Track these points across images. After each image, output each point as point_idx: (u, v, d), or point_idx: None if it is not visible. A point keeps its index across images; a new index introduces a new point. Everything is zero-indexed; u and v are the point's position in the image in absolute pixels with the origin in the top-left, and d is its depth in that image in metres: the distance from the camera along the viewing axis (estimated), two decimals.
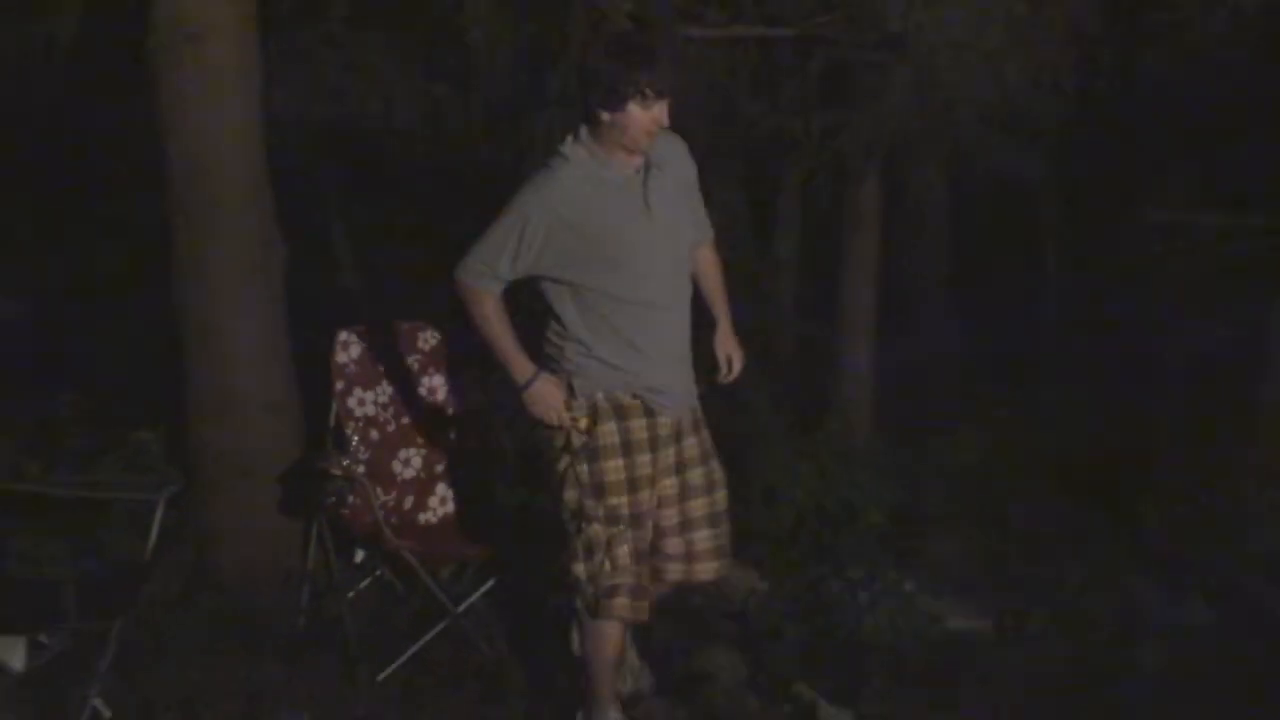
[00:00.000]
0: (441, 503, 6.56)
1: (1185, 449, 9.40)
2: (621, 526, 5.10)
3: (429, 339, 6.60)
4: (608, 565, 5.10)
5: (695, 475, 5.28)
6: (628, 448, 5.10)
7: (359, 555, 6.40)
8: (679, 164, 5.22)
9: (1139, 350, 10.75)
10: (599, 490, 5.09)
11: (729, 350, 5.44)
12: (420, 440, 6.56)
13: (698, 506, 5.29)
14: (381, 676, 5.92)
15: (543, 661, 6.15)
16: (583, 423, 5.07)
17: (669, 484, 5.23)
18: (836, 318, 10.06)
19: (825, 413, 9.67)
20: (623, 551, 5.10)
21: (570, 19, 8.24)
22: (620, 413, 5.09)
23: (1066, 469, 9.28)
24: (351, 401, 6.42)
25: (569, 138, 5.12)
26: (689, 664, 6.29)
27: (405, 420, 6.54)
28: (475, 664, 6.08)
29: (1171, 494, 8.81)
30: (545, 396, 5.06)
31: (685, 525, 5.28)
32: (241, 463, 6.53)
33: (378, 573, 6.44)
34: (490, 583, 6.19)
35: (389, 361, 6.51)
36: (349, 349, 6.43)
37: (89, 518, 6.30)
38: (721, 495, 5.36)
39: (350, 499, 6.25)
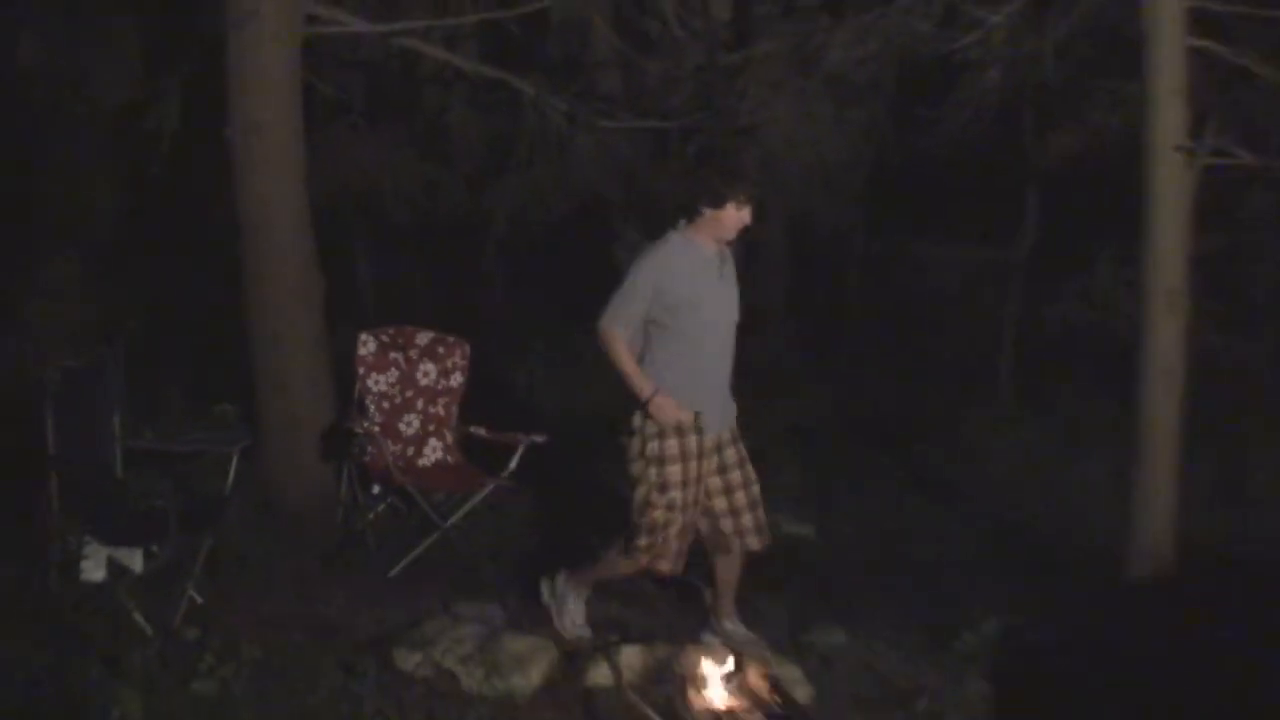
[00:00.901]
0: (433, 451, 6.55)
1: (947, 409, 9.55)
2: (675, 513, 5.05)
3: (423, 338, 6.60)
4: (661, 540, 5.07)
5: (735, 475, 5.21)
6: (685, 456, 5.05)
7: (376, 489, 6.37)
8: (733, 261, 5.20)
9: (916, 341, 10.90)
10: (663, 488, 5.04)
11: None
12: (418, 408, 6.55)
13: (741, 498, 5.22)
14: (393, 573, 5.93)
15: (506, 560, 6.17)
16: (690, 416, 5.02)
17: (716, 482, 5.19)
18: None
19: None
20: (673, 531, 5.07)
21: (521, 117, 8.27)
22: (679, 431, 5.03)
23: (866, 425, 9.41)
24: (370, 381, 6.42)
25: (673, 227, 5.07)
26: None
27: (407, 394, 6.53)
28: (458, 562, 6.08)
29: (937, 440, 8.96)
30: (665, 404, 4.99)
31: (734, 512, 5.22)
32: (293, 425, 6.51)
33: (389, 501, 6.42)
34: (468, 505, 6.17)
35: (395, 354, 6.51)
36: (367, 345, 6.43)
37: (187, 465, 6.28)
38: (757, 488, 5.27)
39: (370, 450, 6.26)
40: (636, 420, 5.07)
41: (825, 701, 4.96)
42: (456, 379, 6.59)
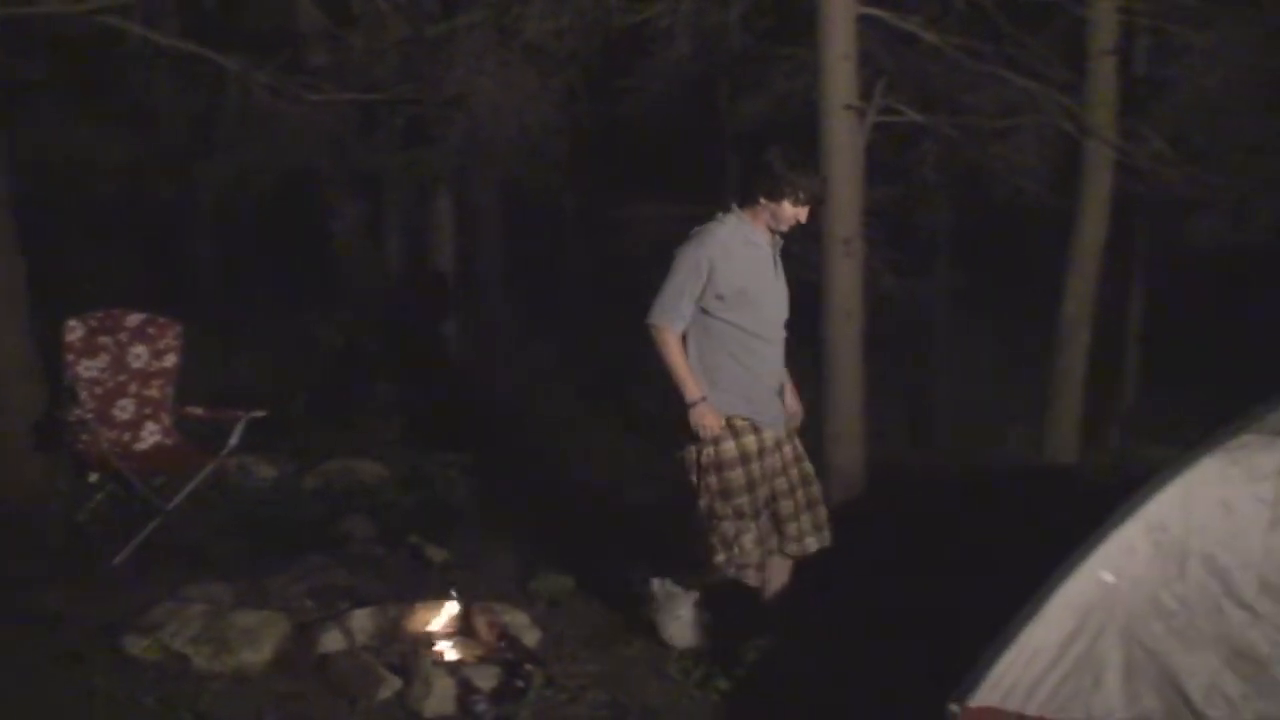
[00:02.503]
0: (151, 434, 6.26)
1: None
2: (745, 520, 4.77)
3: (133, 320, 6.29)
4: (738, 552, 4.79)
5: (807, 469, 4.94)
6: (745, 459, 4.74)
7: (94, 477, 6.03)
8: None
9: (627, 296, 11.04)
10: (726, 494, 4.75)
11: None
12: (131, 391, 6.24)
13: (811, 493, 4.94)
14: (118, 560, 5.66)
15: (232, 538, 5.98)
16: (721, 421, 4.70)
17: (782, 480, 4.86)
18: None
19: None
20: (747, 540, 4.78)
21: (226, 95, 7.98)
22: (736, 432, 4.73)
23: (586, 376, 9.53)
24: (80, 368, 6.08)
25: (725, 209, 4.80)
26: (334, 527, 6.20)
27: (120, 379, 6.21)
28: (184, 545, 5.83)
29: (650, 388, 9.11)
30: (706, 415, 4.66)
31: (802, 509, 4.91)
32: (2, 416, 6.15)
33: (109, 488, 6.07)
34: (191, 486, 5.92)
35: (105, 338, 6.18)
36: (75, 331, 6.09)
37: None
38: (816, 487, 4.98)
39: (84, 437, 5.94)
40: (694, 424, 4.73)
41: (554, 644, 5.00)
42: (170, 360, 6.31)
